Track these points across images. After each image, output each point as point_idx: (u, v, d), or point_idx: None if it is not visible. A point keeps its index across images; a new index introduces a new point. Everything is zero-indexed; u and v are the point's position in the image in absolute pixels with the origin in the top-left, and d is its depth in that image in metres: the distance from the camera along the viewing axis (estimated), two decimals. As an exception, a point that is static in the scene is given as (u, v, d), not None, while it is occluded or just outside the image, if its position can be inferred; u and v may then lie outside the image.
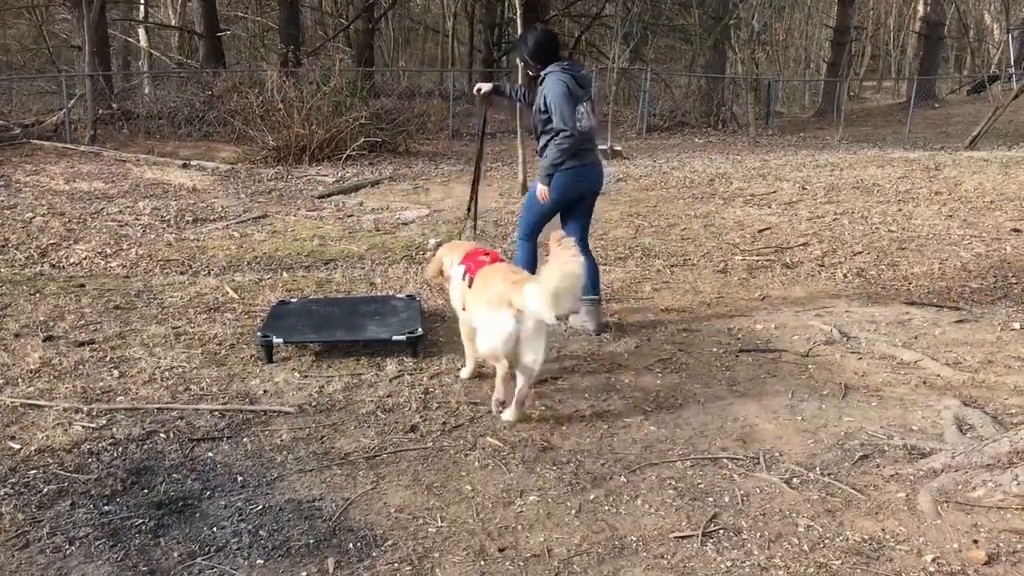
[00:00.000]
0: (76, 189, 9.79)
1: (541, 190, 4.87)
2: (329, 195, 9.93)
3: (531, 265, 5.00)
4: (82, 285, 5.91)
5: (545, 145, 4.86)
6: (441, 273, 4.49)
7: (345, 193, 10.10)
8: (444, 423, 3.74)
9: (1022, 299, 5.60)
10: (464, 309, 4.11)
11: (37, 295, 5.65)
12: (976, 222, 8.05)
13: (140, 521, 2.92)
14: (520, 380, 3.76)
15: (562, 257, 3.53)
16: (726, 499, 3.11)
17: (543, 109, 4.81)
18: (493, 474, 3.29)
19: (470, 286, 4.04)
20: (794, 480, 3.24)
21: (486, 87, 5.30)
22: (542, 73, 4.84)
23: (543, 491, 3.16)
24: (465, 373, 4.31)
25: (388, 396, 4.04)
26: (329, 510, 3.02)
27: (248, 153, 12.68)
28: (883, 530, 2.89)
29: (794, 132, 19.67)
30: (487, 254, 4.21)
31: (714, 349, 4.70)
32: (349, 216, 8.60)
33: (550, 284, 3.46)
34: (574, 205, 4.97)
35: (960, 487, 3.12)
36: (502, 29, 23.76)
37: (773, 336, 4.91)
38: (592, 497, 3.12)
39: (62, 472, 3.27)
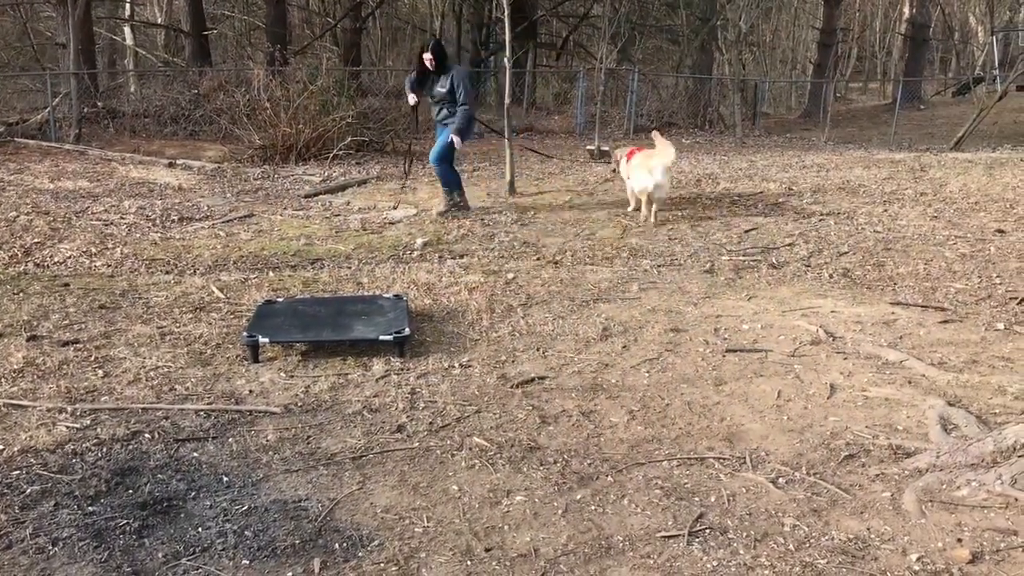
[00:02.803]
0: (61, 188, 9.72)
1: (457, 140, 8.08)
2: (316, 194, 9.89)
3: (452, 176, 8.50)
4: (67, 284, 5.87)
5: (450, 113, 8.17)
6: (618, 162, 8.95)
7: (332, 192, 10.06)
8: (431, 423, 3.74)
9: (1006, 299, 5.64)
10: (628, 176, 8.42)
11: (21, 294, 5.61)
12: (961, 223, 8.11)
13: (124, 522, 2.91)
14: (654, 205, 8.15)
15: (665, 146, 8.11)
16: (712, 499, 3.11)
17: (451, 91, 8.05)
18: (480, 474, 3.29)
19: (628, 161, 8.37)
20: (780, 480, 3.26)
21: (413, 99, 8.41)
22: (448, 68, 8.21)
23: (530, 491, 3.16)
24: (631, 208, 8.70)
25: (375, 396, 4.03)
26: (315, 510, 3.01)
27: (234, 152, 12.61)
28: (868, 529, 2.91)
29: (780, 133, 19.74)
30: (638, 149, 8.49)
31: (700, 349, 4.72)
32: (336, 215, 8.57)
33: (666, 158, 7.92)
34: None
35: (944, 486, 3.14)
36: (489, 29, 23.74)
37: (759, 336, 4.93)
38: (579, 497, 3.12)
39: (46, 473, 3.25)
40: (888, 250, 7.07)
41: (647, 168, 7.94)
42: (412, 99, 8.47)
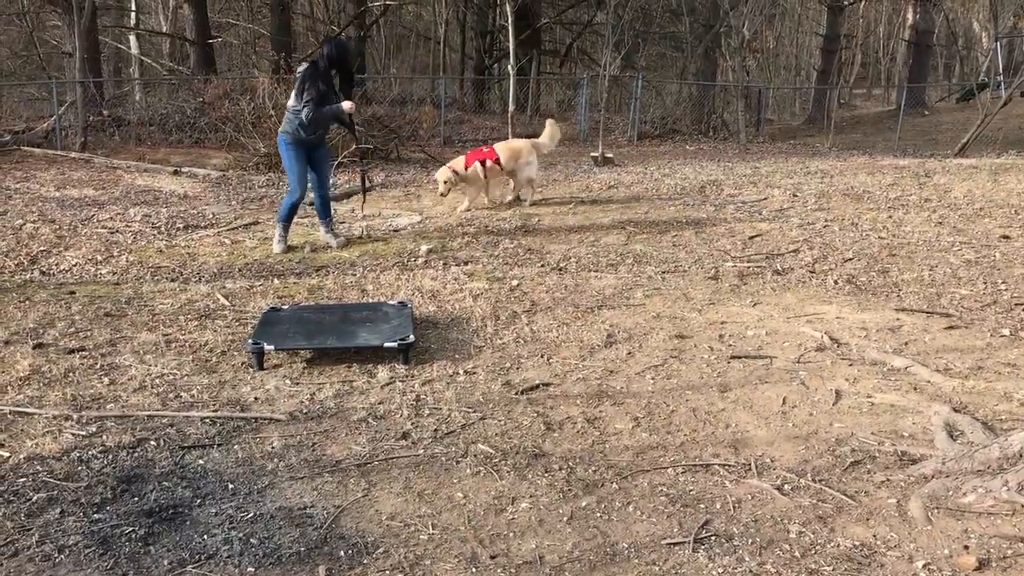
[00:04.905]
0: (66, 196, 9.75)
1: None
2: (320, 202, 9.89)
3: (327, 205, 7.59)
4: (72, 292, 5.88)
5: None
6: (451, 181, 8.80)
7: (336, 200, 10.06)
8: (435, 430, 3.74)
9: (1012, 305, 5.63)
10: (486, 176, 8.87)
11: (27, 302, 5.63)
12: (966, 229, 8.10)
13: (130, 529, 2.91)
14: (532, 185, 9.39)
15: (554, 126, 9.45)
16: (718, 505, 3.11)
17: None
18: (485, 481, 3.29)
19: (496, 163, 8.86)
20: (785, 486, 3.25)
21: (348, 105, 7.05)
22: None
23: (535, 498, 3.16)
24: (463, 208, 8.98)
25: (379, 403, 4.04)
26: (320, 517, 3.02)
27: (239, 160, 12.64)
28: (874, 536, 2.90)
29: (784, 139, 19.74)
30: (473, 152, 9.04)
31: (705, 355, 4.71)
32: (341, 223, 8.58)
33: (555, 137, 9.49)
34: None
35: (951, 493, 3.13)
36: (493, 37, 23.80)
37: (764, 343, 4.92)
38: (584, 504, 3.12)
39: (52, 480, 3.25)
40: (893, 256, 7.06)
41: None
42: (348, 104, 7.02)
